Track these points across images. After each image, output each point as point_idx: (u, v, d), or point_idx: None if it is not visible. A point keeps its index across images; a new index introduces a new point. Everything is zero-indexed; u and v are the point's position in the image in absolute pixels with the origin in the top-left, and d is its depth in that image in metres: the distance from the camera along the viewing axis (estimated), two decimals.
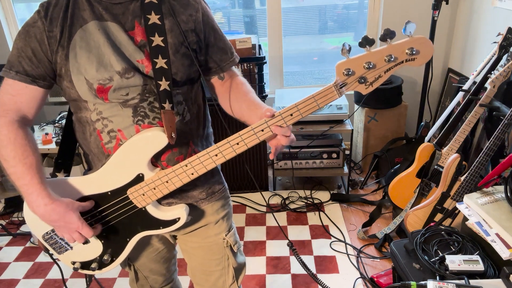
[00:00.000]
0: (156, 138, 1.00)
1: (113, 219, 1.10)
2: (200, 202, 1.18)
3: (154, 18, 0.99)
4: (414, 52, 0.83)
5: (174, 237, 1.29)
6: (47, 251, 1.17)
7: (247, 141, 0.96)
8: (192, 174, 1.01)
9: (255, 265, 2.21)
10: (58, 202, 0.99)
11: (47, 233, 1.12)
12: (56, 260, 1.22)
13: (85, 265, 1.18)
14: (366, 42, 0.83)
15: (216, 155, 0.98)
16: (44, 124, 2.77)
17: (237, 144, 0.96)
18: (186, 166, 1.00)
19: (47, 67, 0.98)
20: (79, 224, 1.01)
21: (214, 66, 1.13)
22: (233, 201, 1.30)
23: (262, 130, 0.94)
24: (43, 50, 0.96)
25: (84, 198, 1.06)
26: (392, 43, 0.83)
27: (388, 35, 0.82)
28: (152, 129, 1.02)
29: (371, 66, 0.85)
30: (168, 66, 0.99)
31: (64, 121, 2.69)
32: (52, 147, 2.48)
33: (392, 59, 0.84)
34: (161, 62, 0.99)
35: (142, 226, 1.11)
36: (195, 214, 1.19)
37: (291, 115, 0.93)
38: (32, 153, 0.98)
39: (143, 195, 1.05)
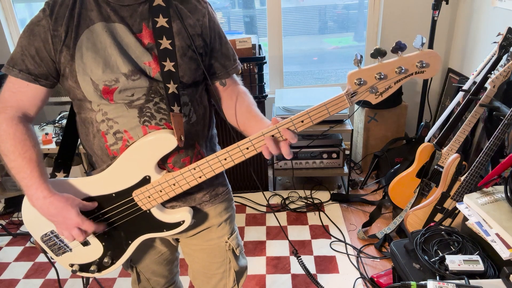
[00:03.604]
0: (166, 141, 1.00)
1: (116, 221, 1.09)
2: (204, 204, 1.18)
3: (162, 21, 0.99)
4: (424, 65, 0.85)
5: (177, 240, 1.29)
6: (44, 252, 1.16)
7: (257, 146, 0.96)
8: (200, 177, 1.01)
9: (255, 265, 2.21)
10: (57, 196, 0.99)
11: (45, 234, 1.11)
12: (53, 262, 1.21)
13: (84, 267, 1.17)
14: (378, 53, 0.85)
15: (225, 159, 0.98)
16: (44, 124, 2.77)
17: (247, 148, 0.96)
18: (194, 169, 1.00)
19: (50, 67, 0.98)
20: (78, 220, 1.00)
21: (219, 71, 1.13)
22: None
23: (273, 136, 0.95)
24: (47, 50, 0.96)
25: (87, 199, 1.06)
26: (403, 55, 0.86)
27: (399, 47, 0.85)
28: (162, 131, 1.01)
29: (382, 76, 0.87)
30: (175, 69, 0.99)
31: (64, 121, 2.69)
32: (52, 147, 2.47)
33: (403, 71, 0.86)
34: (169, 65, 0.99)
35: (145, 228, 1.11)
36: (198, 216, 1.18)
37: (302, 121, 0.94)
38: (32, 147, 0.98)
39: (149, 197, 1.04)
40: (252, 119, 1.08)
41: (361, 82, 0.87)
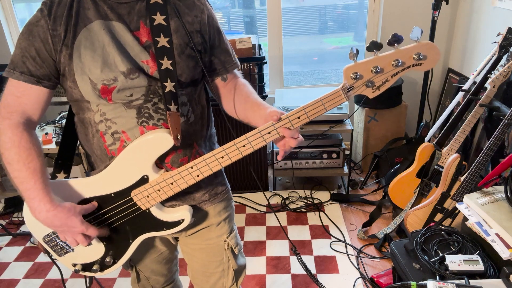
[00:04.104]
0: (162, 140, 0.99)
1: (116, 221, 1.09)
2: (203, 203, 1.18)
3: (159, 19, 0.98)
4: (421, 57, 0.84)
5: (176, 239, 1.29)
6: (47, 252, 1.16)
7: (254, 144, 0.96)
8: (198, 176, 1.01)
9: (255, 265, 2.21)
10: (60, 208, 0.97)
11: (47, 235, 1.11)
12: (56, 261, 1.21)
13: (86, 267, 1.17)
14: (374, 46, 0.84)
15: (222, 157, 0.98)
16: (44, 124, 2.77)
17: (244, 146, 0.96)
18: (192, 168, 1.00)
19: (51, 67, 0.97)
20: (83, 227, 1.00)
21: (219, 68, 1.13)
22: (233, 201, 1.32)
23: (269, 133, 0.95)
24: (47, 50, 0.95)
25: (87, 200, 1.06)
26: (400, 48, 0.84)
27: (395, 40, 0.83)
28: (158, 130, 1.01)
29: (378, 70, 0.85)
30: (173, 68, 0.99)
31: (64, 121, 2.69)
32: (52, 147, 2.48)
33: (399, 64, 0.85)
34: (166, 63, 0.98)
35: (145, 227, 1.11)
36: (198, 215, 1.18)
37: (298, 118, 0.93)
38: (36, 157, 0.97)
39: (148, 197, 1.04)
40: (249, 110, 1.08)
41: (357, 76, 0.86)
